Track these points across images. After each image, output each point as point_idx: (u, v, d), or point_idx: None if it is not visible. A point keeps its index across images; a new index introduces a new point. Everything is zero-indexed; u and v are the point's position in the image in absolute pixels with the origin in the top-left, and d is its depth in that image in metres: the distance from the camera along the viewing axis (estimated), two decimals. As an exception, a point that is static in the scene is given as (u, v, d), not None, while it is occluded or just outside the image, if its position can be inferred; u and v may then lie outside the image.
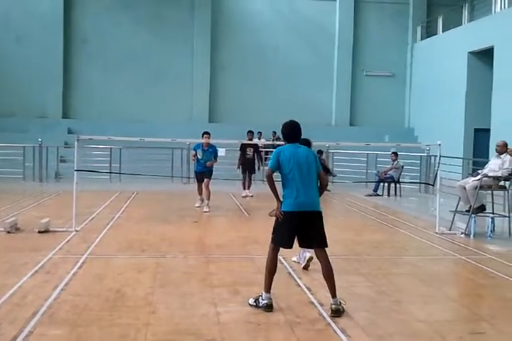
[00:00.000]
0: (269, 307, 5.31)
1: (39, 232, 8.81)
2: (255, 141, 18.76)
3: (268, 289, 5.40)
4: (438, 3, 24.52)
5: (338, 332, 4.78)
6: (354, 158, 18.35)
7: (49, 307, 5.26)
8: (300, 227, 5.36)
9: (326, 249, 5.43)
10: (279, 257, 7.28)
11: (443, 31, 22.75)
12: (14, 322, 4.84)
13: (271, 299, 5.36)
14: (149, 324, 4.87)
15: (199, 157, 12.04)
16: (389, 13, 24.78)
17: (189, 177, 17.17)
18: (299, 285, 6.22)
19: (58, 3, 22.56)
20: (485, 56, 19.56)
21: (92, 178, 15.01)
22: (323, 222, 5.45)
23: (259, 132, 20.23)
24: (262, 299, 5.36)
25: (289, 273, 6.70)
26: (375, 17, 24.77)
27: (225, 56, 23.90)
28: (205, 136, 11.96)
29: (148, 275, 6.52)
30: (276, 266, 5.51)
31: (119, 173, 16.77)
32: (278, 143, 15.12)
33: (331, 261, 5.41)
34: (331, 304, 5.23)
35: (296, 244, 5.56)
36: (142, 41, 23.27)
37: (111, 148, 18.35)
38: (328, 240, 5.45)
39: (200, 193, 12.25)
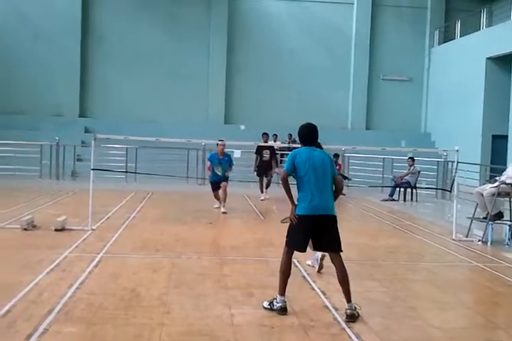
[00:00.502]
0: (283, 311, 5.30)
1: (55, 230, 8.88)
2: (270, 143, 18.74)
3: (282, 292, 5.38)
4: (456, 8, 24.35)
5: (353, 336, 4.75)
6: (370, 162, 18.26)
7: (64, 305, 5.29)
8: (314, 231, 5.34)
9: (341, 253, 5.40)
10: (294, 260, 7.26)
11: (461, 36, 22.60)
12: (30, 319, 4.87)
13: (285, 302, 5.34)
14: (163, 324, 4.88)
15: (216, 171, 11.93)
16: (406, 17, 24.65)
17: (204, 179, 17.20)
18: (313, 289, 6.19)
19: (76, 2, 22.75)
20: (503, 62, 19.41)
21: (108, 177, 15.09)
22: (338, 226, 5.42)
23: (275, 134, 20.19)
24: (277, 302, 5.35)
25: (304, 277, 6.68)
26: (392, 21, 24.66)
27: (241, 57, 23.92)
28: (219, 143, 11.85)
29: (162, 276, 6.54)
30: (290, 269, 5.49)
31: (135, 173, 16.84)
32: (294, 145, 15.02)
33: (346, 265, 5.38)
34: (346, 309, 5.20)
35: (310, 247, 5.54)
36: (159, 41, 23.39)
37: (127, 148, 18.44)
38: (343, 244, 5.41)
39: (218, 198, 12.18)
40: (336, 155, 17.62)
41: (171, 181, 16.06)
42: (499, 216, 9.47)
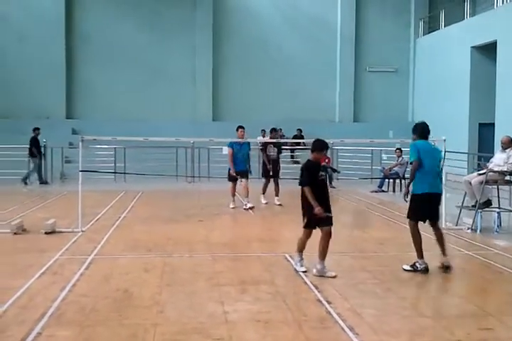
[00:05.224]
0: (427, 270, 6.62)
1: (45, 233, 8.84)
2: (259, 138, 18.70)
3: (422, 255, 6.77)
4: (439, -3, 24.45)
5: (346, 329, 4.77)
6: (359, 154, 18.31)
7: (57, 308, 5.28)
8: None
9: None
10: (285, 255, 7.35)
11: (445, 26, 22.66)
12: (22, 323, 4.85)
13: (426, 263, 6.67)
14: (157, 324, 4.88)
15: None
16: (391, 8, 24.66)
17: (193, 177, 17.23)
18: (305, 283, 6.20)
19: (59, 3, 22.54)
20: (488, 50, 19.48)
21: (97, 178, 15.05)
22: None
23: (263, 130, 20.17)
24: (420, 264, 6.67)
25: (296, 271, 6.69)
26: (377, 13, 24.66)
27: (227, 53, 23.85)
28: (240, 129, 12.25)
29: (155, 275, 6.53)
30: (420, 235, 6.90)
31: (124, 173, 16.80)
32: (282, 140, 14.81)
33: (337, 258, 5.40)
34: None
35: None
36: (144, 40, 23.24)
37: (115, 148, 18.39)
38: (336, 238, 5.50)
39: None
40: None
41: (161, 180, 16.07)
42: (488, 204, 9.54)
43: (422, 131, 7.18)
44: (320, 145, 6.53)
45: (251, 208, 11.88)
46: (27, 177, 17.13)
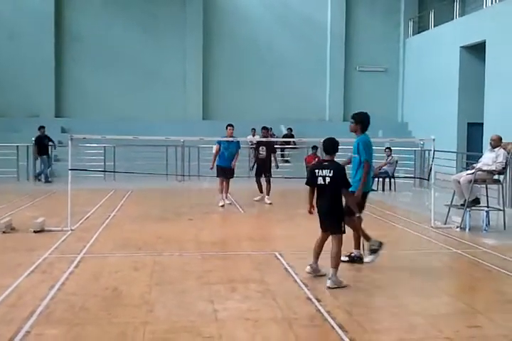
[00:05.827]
0: (382, 243, 6.89)
1: (34, 232, 8.79)
2: (249, 137, 18.73)
3: (369, 237, 6.96)
4: (429, -3, 24.57)
5: (336, 327, 4.78)
6: (349, 153, 18.31)
7: (46, 307, 5.25)
8: None
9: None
10: (275, 253, 7.36)
11: (435, 26, 22.77)
12: (11, 322, 4.82)
13: (377, 240, 6.90)
14: (147, 322, 4.87)
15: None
16: (380, 8, 24.75)
17: (183, 175, 17.20)
18: (295, 281, 6.22)
19: (49, 1, 22.41)
20: (477, 50, 19.60)
21: (86, 177, 14.99)
22: None
23: (253, 129, 20.20)
24: (373, 245, 6.89)
25: (286, 269, 6.71)
26: (366, 12, 24.74)
27: (218, 53, 23.83)
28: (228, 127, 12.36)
29: (144, 274, 6.51)
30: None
31: (113, 172, 16.74)
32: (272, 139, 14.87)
33: (326, 257, 5.42)
34: None
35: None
36: (135, 39, 23.17)
37: (105, 147, 18.33)
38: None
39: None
40: (315, 147, 17.73)
41: (151, 179, 16.01)
42: (476, 202, 9.61)
43: (366, 122, 7.28)
44: (336, 145, 6.74)
45: (222, 206, 12.15)
46: (46, 176, 17.43)
